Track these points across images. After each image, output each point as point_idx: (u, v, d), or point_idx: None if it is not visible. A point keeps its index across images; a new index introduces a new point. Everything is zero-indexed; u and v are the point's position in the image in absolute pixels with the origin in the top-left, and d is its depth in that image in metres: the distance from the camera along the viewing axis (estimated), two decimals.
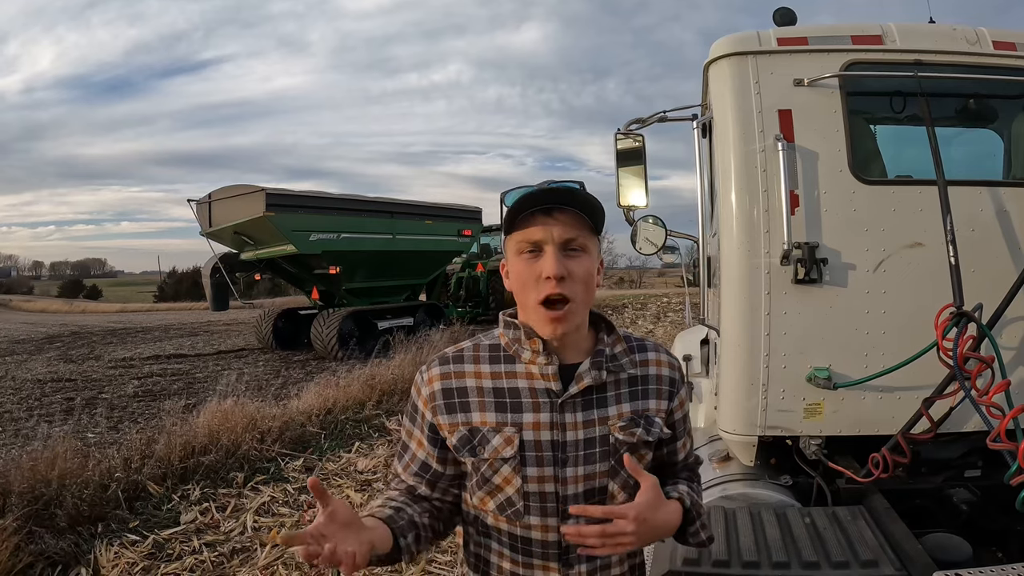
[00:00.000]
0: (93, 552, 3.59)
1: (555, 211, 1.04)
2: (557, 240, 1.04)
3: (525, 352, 1.10)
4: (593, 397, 1.10)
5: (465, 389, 1.11)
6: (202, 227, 12.35)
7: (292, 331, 13.64)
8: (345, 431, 6.33)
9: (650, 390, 1.15)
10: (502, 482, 1.08)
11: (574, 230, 1.05)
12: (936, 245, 2.03)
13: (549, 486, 1.07)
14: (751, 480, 2.29)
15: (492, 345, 1.15)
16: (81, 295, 53.76)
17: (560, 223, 1.04)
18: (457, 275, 17.21)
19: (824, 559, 1.68)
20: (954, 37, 2.21)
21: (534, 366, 1.09)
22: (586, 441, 1.08)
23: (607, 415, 1.10)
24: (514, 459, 1.07)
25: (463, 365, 1.13)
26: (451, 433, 1.11)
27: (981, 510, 2.09)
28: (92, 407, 7.80)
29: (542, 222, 1.04)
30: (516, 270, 1.08)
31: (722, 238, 2.29)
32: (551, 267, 1.02)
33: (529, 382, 1.10)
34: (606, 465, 1.09)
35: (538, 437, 1.07)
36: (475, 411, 1.10)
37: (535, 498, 1.08)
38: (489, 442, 1.08)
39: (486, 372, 1.12)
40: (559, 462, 1.07)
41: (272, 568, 3.44)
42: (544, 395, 1.09)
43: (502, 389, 1.10)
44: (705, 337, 3.17)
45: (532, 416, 1.08)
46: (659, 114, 2.75)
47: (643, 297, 26.86)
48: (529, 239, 1.05)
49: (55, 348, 14.92)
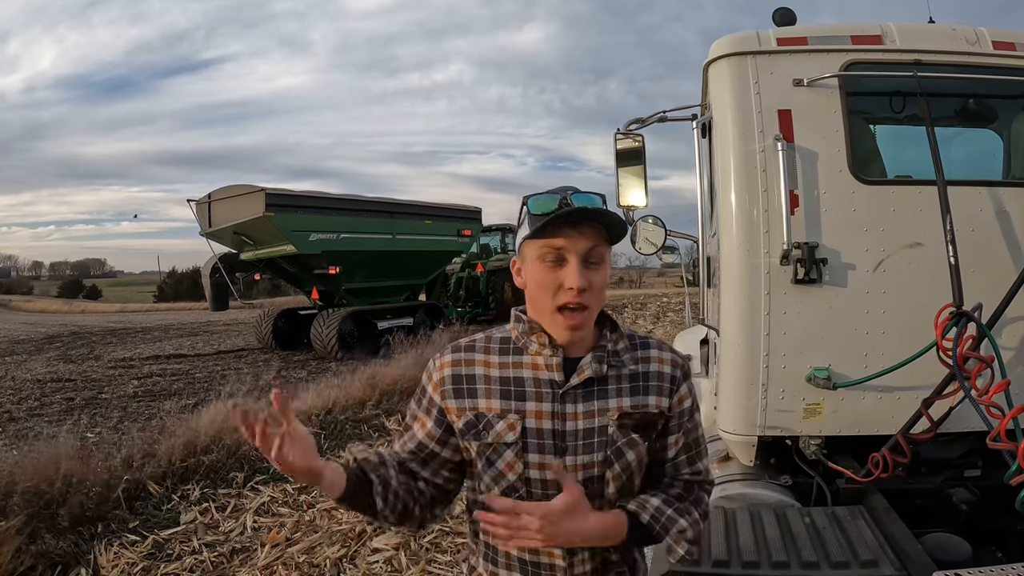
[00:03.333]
0: (93, 552, 3.59)
1: (581, 223, 1.09)
2: (580, 252, 1.09)
3: (532, 345, 1.15)
4: (594, 389, 1.14)
5: (474, 376, 1.17)
6: (202, 227, 12.35)
7: (292, 331, 13.63)
8: (344, 431, 6.33)
9: (651, 386, 1.18)
10: (505, 467, 1.13)
11: (596, 242, 1.10)
12: (936, 245, 2.03)
13: (550, 473, 1.11)
14: (751, 480, 2.30)
15: (503, 338, 1.20)
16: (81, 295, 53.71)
17: (585, 237, 1.09)
18: (457, 275, 17.21)
19: (824, 559, 1.68)
20: (954, 37, 2.21)
21: (540, 358, 1.14)
22: (585, 431, 1.12)
23: (607, 407, 1.14)
24: (516, 444, 1.12)
25: (474, 354, 1.19)
26: (458, 417, 1.16)
27: (981, 510, 2.10)
28: (92, 407, 7.80)
29: (567, 234, 1.08)
30: (536, 275, 1.12)
31: (722, 238, 2.29)
32: (574, 279, 1.07)
33: (534, 372, 1.15)
34: (603, 455, 1.13)
35: (540, 425, 1.12)
36: (481, 398, 1.15)
37: (537, 484, 1.12)
38: (493, 427, 1.13)
39: (495, 362, 1.17)
40: (559, 450, 1.12)
41: (272, 568, 3.44)
42: (547, 385, 1.13)
43: (508, 378, 1.15)
44: (705, 337, 3.17)
45: (535, 405, 1.13)
46: (659, 114, 2.75)
47: (643, 297, 26.87)
48: (554, 246, 1.09)
49: (55, 348, 14.92)
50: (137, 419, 6.91)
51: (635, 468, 1.16)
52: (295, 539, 3.82)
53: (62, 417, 7.21)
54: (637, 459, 1.15)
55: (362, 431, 6.35)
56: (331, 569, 3.43)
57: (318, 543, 3.73)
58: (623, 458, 1.14)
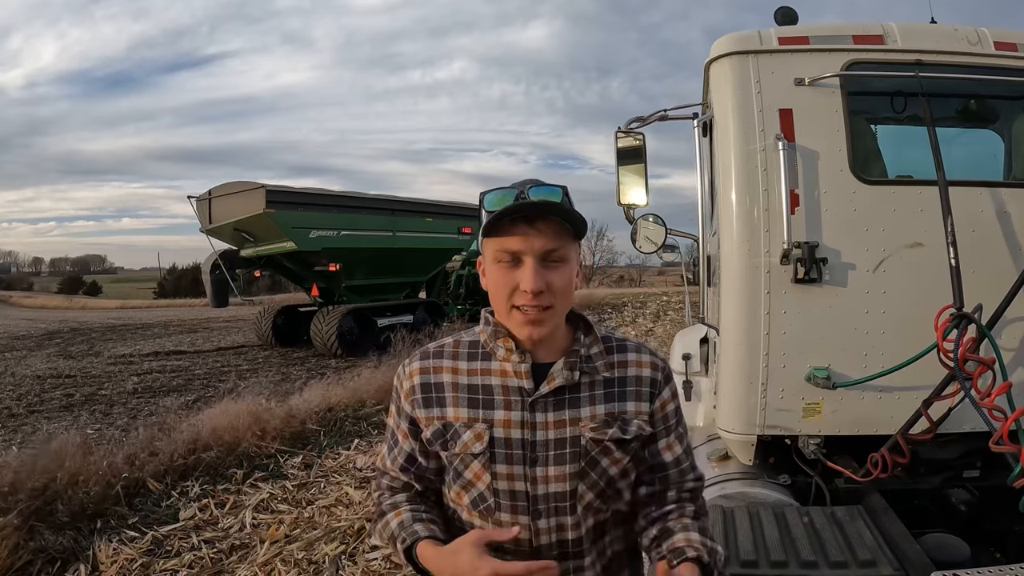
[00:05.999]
0: (92, 548, 3.59)
1: (537, 220, 1.01)
2: (537, 252, 1.01)
3: (500, 350, 1.10)
4: (566, 397, 1.08)
5: (441, 384, 1.12)
6: (202, 224, 12.35)
7: (292, 328, 13.65)
8: (344, 428, 6.34)
9: (628, 392, 1.12)
10: (473, 477, 1.09)
11: (555, 241, 1.02)
12: (936, 245, 2.03)
13: (519, 484, 1.06)
14: (750, 479, 2.30)
15: (472, 342, 1.15)
16: (81, 291, 53.77)
17: (541, 234, 1.01)
18: (457, 273, 17.20)
19: (822, 559, 1.68)
20: (955, 37, 2.21)
21: (508, 364, 1.09)
22: (556, 441, 1.06)
23: (579, 416, 1.08)
24: (483, 455, 1.07)
25: (441, 360, 1.14)
26: (427, 427, 1.12)
27: (980, 510, 2.10)
28: (92, 403, 7.81)
29: (523, 232, 1.01)
30: (493, 277, 1.06)
31: (722, 237, 2.29)
32: (529, 281, 1.00)
33: (502, 380, 1.09)
34: (576, 466, 1.07)
35: (508, 435, 1.07)
36: (449, 406, 1.10)
37: (505, 495, 1.07)
38: (460, 437, 1.08)
39: (463, 368, 1.12)
40: (529, 461, 1.06)
41: (271, 565, 3.44)
42: (516, 393, 1.08)
43: (476, 386, 1.10)
44: (705, 336, 3.16)
45: (503, 414, 1.07)
46: (660, 113, 2.75)
47: (643, 296, 26.86)
48: (508, 248, 1.02)
49: (55, 344, 14.93)
50: (137, 415, 6.92)
51: (615, 475, 1.10)
52: (294, 536, 3.82)
53: (62, 413, 7.22)
54: (617, 468, 1.09)
55: (362, 428, 6.35)
56: (330, 566, 3.43)
57: (317, 540, 3.73)
58: (598, 467, 1.08)
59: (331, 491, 4.62)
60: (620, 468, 1.10)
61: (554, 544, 1.08)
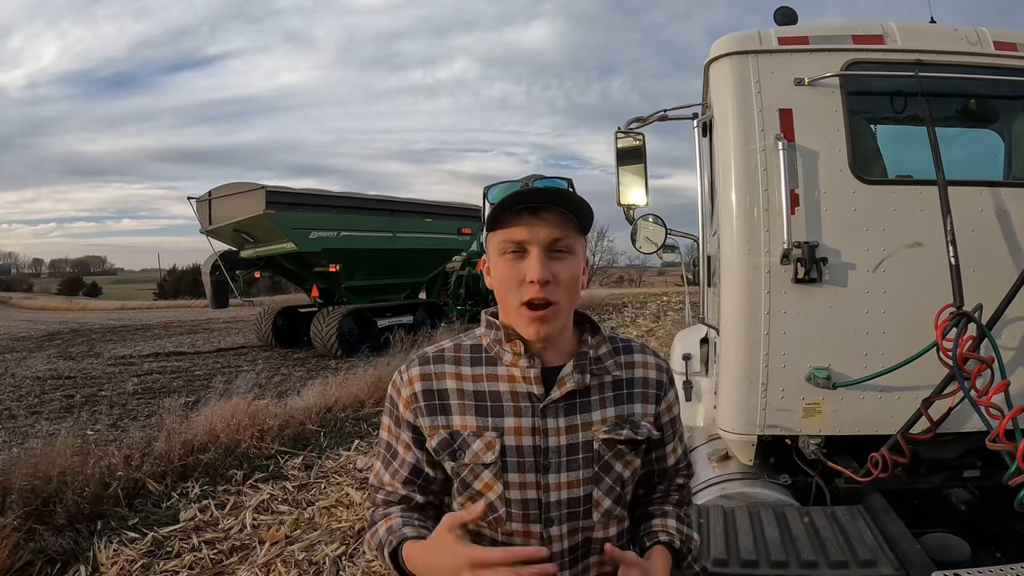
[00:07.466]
0: (92, 549, 3.59)
1: (542, 210, 1.00)
2: (543, 241, 1.00)
3: (506, 354, 1.06)
4: (576, 401, 1.06)
5: (446, 391, 1.07)
6: (202, 225, 12.34)
7: (292, 329, 13.64)
8: (344, 429, 6.33)
9: (636, 393, 1.11)
10: (483, 487, 1.04)
11: (560, 230, 1.00)
12: (936, 245, 2.03)
13: (531, 492, 1.03)
14: (750, 479, 2.30)
15: (474, 346, 1.11)
16: (81, 292, 53.74)
17: (546, 223, 1.00)
18: (457, 273, 17.20)
19: (823, 558, 1.68)
20: (955, 37, 2.21)
21: (516, 369, 1.06)
22: (569, 447, 1.04)
23: (591, 420, 1.06)
24: (495, 464, 1.03)
25: (443, 366, 1.09)
26: (431, 436, 1.07)
27: (980, 510, 2.10)
28: (92, 404, 7.80)
29: (528, 222, 0.99)
30: (498, 270, 1.03)
31: (722, 237, 2.29)
32: (535, 271, 0.98)
33: (511, 385, 1.06)
34: (590, 472, 1.05)
35: (520, 442, 1.03)
36: (455, 414, 1.06)
37: (517, 505, 1.04)
38: (470, 447, 1.04)
39: (467, 374, 1.08)
40: (541, 468, 1.03)
41: (271, 566, 3.44)
42: (526, 399, 1.05)
43: (483, 392, 1.06)
44: (705, 336, 3.17)
45: (514, 421, 1.04)
46: (660, 113, 2.75)
47: (643, 296, 26.86)
48: (513, 239, 1.00)
49: (55, 345, 14.92)
50: (137, 416, 6.92)
51: (627, 479, 1.09)
52: (294, 537, 3.81)
53: (62, 414, 7.21)
54: (630, 472, 1.08)
55: (362, 429, 6.35)
56: (330, 567, 3.43)
57: (317, 541, 3.73)
58: (612, 471, 1.06)
59: (331, 492, 4.62)
60: (631, 470, 1.09)
61: (566, 550, 1.06)
